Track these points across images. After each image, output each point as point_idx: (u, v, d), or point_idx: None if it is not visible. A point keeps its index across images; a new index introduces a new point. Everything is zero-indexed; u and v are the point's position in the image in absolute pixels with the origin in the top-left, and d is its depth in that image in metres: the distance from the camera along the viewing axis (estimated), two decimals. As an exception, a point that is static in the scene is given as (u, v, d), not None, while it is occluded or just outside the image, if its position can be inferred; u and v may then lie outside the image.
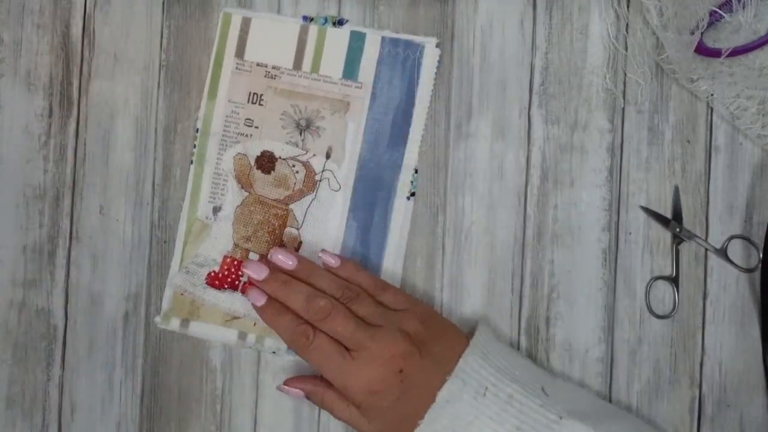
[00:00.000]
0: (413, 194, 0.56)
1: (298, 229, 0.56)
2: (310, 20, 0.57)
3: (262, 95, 0.57)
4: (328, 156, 0.56)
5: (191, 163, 0.57)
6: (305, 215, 0.56)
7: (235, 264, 0.56)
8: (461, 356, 0.50)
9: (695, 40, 0.52)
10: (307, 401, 0.54)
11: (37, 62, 0.57)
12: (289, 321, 0.51)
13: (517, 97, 0.56)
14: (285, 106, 0.56)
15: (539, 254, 0.56)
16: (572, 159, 0.56)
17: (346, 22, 0.57)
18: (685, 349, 0.55)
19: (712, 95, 0.55)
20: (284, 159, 0.56)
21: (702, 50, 0.54)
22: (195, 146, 0.57)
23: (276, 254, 0.53)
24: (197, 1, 0.57)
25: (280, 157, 0.56)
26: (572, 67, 0.56)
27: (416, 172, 0.56)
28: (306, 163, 0.56)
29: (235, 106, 0.57)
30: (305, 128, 0.56)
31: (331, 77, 0.56)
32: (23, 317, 0.57)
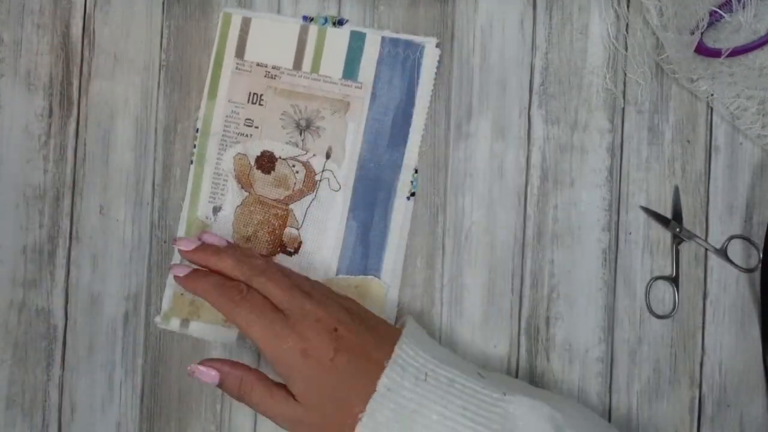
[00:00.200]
0: (413, 194, 0.56)
1: (298, 229, 0.56)
2: (310, 20, 0.57)
3: (262, 95, 0.57)
4: (328, 156, 0.56)
5: (191, 163, 0.57)
6: (305, 215, 0.56)
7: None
8: (396, 344, 0.49)
9: (695, 40, 0.53)
10: (221, 392, 0.48)
11: (37, 62, 0.57)
12: (220, 278, 0.49)
13: (517, 97, 0.56)
14: (285, 106, 0.56)
15: (539, 254, 0.56)
16: (572, 159, 0.56)
17: (346, 22, 0.57)
18: (685, 349, 0.55)
19: (712, 95, 0.55)
20: (284, 159, 0.56)
21: (702, 50, 0.54)
22: (195, 146, 0.57)
23: (206, 235, 0.52)
24: (197, 1, 0.57)
25: (280, 157, 0.56)
26: (572, 67, 0.56)
27: (416, 172, 0.56)
28: (306, 163, 0.56)
29: (235, 106, 0.57)
30: (305, 128, 0.56)
31: (331, 77, 0.56)
32: (23, 317, 0.57)
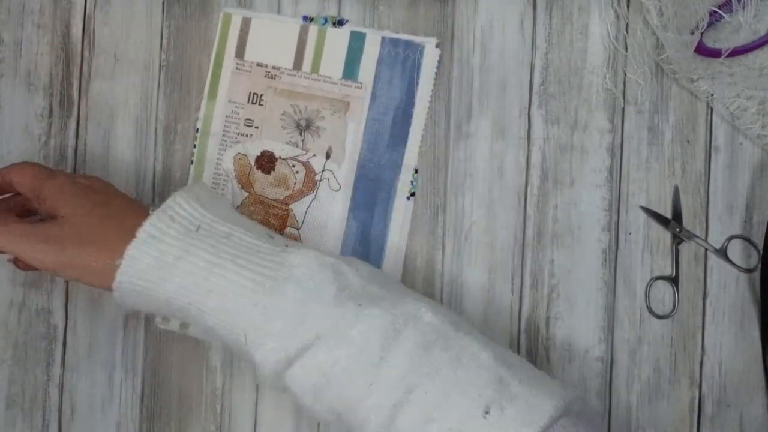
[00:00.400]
0: (413, 194, 0.56)
1: (298, 229, 0.56)
2: (310, 20, 0.57)
3: (262, 95, 0.57)
4: (328, 156, 0.56)
5: (191, 163, 0.57)
6: (305, 215, 0.56)
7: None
8: (170, 197, 0.47)
9: (695, 40, 0.53)
10: None
11: (37, 62, 0.57)
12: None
13: (517, 97, 0.56)
14: (285, 106, 0.56)
15: (539, 254, 0.56)
16: (572, 159, 0.56)
17: (346, 22, 0.57)
18: (685, 349, 0.55)
19: (712, 95, 0.55)
20: (284, 159, 0.56)
21: (702, 50, 0.54)
22: (195, 146, 0.57)
23: None
24: (197, 1, 0.57)
25: (280, 157, 0.56)
26: (572, 67, 0.56)
27: (416, 172, 0.56)
28: (306, 163, 0.56)
29: (235, 107, 0.57)
30: (305, 128, 0.56)
31: (331, 77, 0.56)
32: (23, 317, 0.57)
